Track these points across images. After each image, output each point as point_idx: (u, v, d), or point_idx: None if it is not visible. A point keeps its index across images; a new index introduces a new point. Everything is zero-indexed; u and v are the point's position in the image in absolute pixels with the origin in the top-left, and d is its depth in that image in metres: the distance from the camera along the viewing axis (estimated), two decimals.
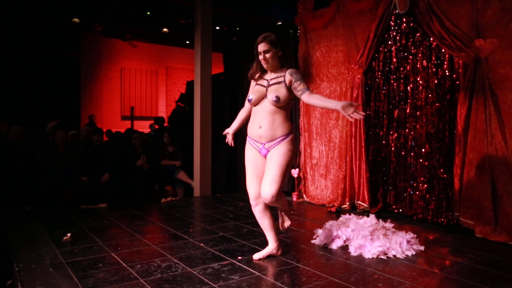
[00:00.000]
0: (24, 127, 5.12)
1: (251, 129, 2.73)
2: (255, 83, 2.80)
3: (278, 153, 2.62)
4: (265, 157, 2.70)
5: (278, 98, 2.59)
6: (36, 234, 3.40)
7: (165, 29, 9.67)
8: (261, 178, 2.66)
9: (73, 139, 6.10)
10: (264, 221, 2.77)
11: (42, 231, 3.51)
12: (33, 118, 7.93)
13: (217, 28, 8.70)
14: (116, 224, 3.83)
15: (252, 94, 2.72)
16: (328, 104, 2.52)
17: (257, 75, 2.78)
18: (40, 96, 9.28)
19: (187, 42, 10.81)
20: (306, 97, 2.59)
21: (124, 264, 2.69)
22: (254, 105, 2.72)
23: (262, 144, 2.68)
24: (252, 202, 2.75)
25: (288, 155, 2.63)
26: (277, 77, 2.68)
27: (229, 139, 2.99)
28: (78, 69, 10.53)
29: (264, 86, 2.71)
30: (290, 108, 2.74)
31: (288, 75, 2.65)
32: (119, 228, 3.65)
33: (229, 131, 2.98)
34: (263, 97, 2.67)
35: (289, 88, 2.63)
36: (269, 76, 2.74)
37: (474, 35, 3.46)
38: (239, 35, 8.86)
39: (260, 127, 2.65)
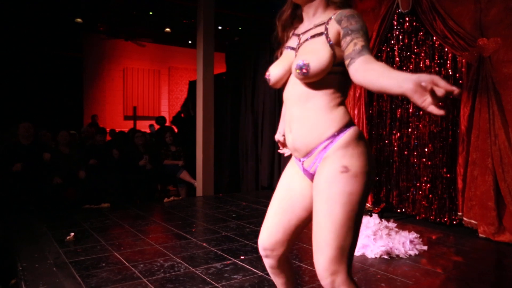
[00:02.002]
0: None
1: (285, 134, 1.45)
2: (283, 48, 1.49)
3: (327, 185, 1.25)
4: (311, 180, 1.36)
5: (304, 66, 1.25)
6: (40, 234, 3.42)
7: (167, 29, 9.68)
8: (289, 218, 1.41)
9: (71, 140, 6.12)
10: (276, 280, 1.53)
11: (46, 230, 3.52)
12: (37, 117, 7.96)
13: (220, 28, 8.70)
14: (119, 223, 3.83)
15: (273, 67, 1.42)
16: (391, 83, 1.05)
17: (289, 30, 1.49)
18: (43, 96, 9.32)
19: (190, 42, 10.83)
20: (359, 68, 1.18)
21: (127, 263, 2.69)
22: (279, 87, 1.44)
23: (300, 161, 1.39)
24: (260, 251, 1.48)
25: (350, 184, 1.22)
26: (315, 27, 1.34)
27: (282, 149, 1.65)
28: (81, 69, 10.56)
29: (293, 48, 1.41)
30: (339, 83, 1.31)
31: (334, 22, 1.28)
32: (122, 228, 3.65)
33: (278, 138, 1.61)
34: (290, 69, 1.37)
35: (334, 47, 1.27)
36: (303, 27, 1.42)
37: (478, 34, 3.45)
38: (241, 35, 8.86)
39: (291, 130, 1.37)
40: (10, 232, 3.52)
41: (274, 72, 1.40)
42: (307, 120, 1.31)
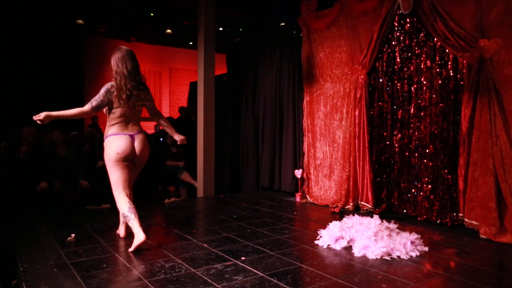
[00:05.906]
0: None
1: None
2: None
3: None
4: None
5: None
6: (40, 235, 3.42)
7: (168, 30, 9.70)
8: None
9: (76, 140, 6.14)
10: None
11: (46, 231, 3.52)
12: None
13: (220, 29, 8.72)
14: (119, 224, 3.82)
15: None
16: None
17: None
18: (44, 96, 9.33)
19: (191, 43, 10.85)
20: None
21: (128, 264, 2.69)
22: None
23: None
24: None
25: (105, 162, 3.32)
26: None
27: None
28: (82, 70, 10.58)
29: None
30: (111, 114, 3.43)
31: None
32: None
33: None
34: None
35: None
36: None
37: (478, 35, 3.45)
38: (242, 35, 8.87)
39: None
40: (11, 233, 3.52)
41: None
42: None
